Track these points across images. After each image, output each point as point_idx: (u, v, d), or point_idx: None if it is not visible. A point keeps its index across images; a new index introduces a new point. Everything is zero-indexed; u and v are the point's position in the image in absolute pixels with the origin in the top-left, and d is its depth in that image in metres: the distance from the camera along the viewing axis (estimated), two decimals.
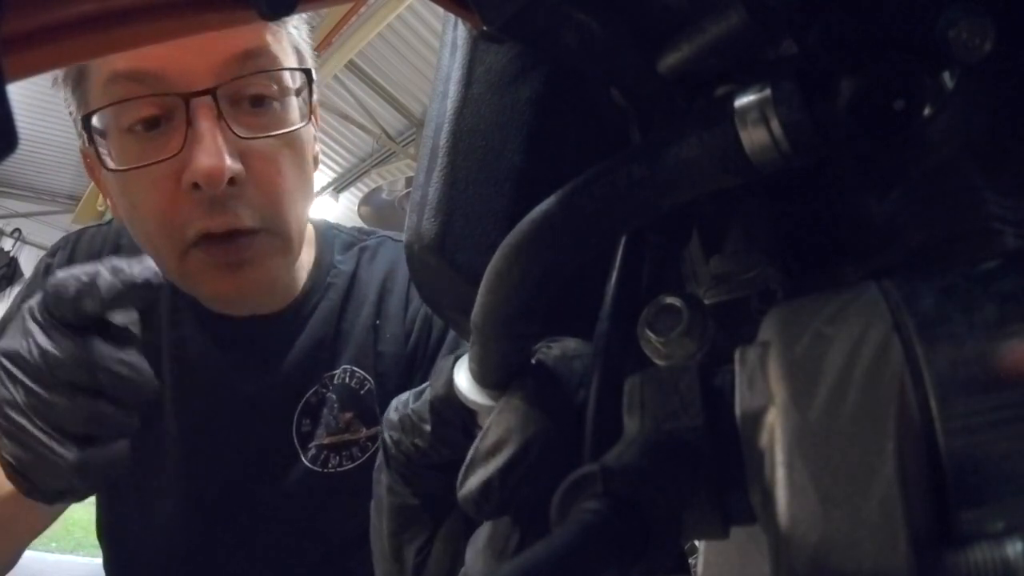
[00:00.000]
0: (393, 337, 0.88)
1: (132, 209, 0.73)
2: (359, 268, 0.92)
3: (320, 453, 0.85)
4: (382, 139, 5.14)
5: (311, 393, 0.86)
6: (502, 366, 0.36)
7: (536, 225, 0.30)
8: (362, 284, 0.91)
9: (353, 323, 0.88)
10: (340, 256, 0.92)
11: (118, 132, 0.70)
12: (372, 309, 0.89)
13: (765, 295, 0.33)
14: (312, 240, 0.92)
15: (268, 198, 0.71)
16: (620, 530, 0.21)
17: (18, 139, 0.20)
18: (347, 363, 0.87)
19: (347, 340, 0.88)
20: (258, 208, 0.71)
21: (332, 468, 0.85)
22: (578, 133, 0.41)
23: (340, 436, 0.85)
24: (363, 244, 0.94)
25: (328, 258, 0.91)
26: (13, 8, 0.22)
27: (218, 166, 0.66)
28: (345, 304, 0.89)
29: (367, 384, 0.87)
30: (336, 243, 0.94)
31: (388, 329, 0.88)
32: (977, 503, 0.19)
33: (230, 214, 0.69)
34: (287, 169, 0.72)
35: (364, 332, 0.88)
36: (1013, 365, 0.20)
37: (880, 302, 0.22)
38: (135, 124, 0.69)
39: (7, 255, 6.33)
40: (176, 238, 0.70)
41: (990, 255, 0.27)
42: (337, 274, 0.91)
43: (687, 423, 0.24)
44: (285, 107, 0.74)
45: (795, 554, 0.20)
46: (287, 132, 0.72)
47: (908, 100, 0.27)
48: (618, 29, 0.31)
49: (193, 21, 0.27)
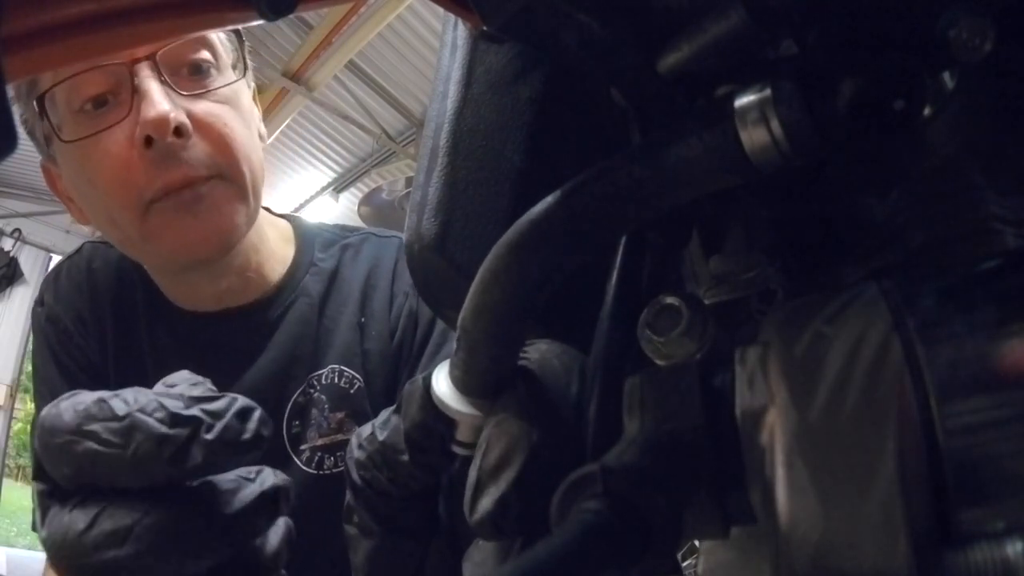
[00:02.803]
0: (379, 335, 0.88)
1: (91, 186, 0.75)
2: (341, 266, 0.91)
3: (314, 455, 0.84)
4: (382, 139, 5.14)
5: (298, 394, 0.85)
6: (491, 371, 0.35)
7: (535, 224, 0.30)
8: (344, 282, 0.90)
9: (336, 321, 0.88)
10: (321, 254, 0.92)
11: (70, 115, 0.74)
12: (356, 307, 0.89)
13: (765, 295, 0.33)
14: (291, 237, 0.93)
15: (217, 147, 0.75)
16: (620, 530, 0.21)
17: (18, 139, 0.20)
18: (334, 362, 0.86)
19: (331, 338, 0.87)
20: (209, 157, 0.74)
21: (327, 470, 0.84)
22: (578, 133, 0.41)
23: (333, 437, 0.84)
24: (345, 241, 0.94)
25: (308, 256, 0.91)
26: (13, 8, 0.22)
27: (164, 113, 0.70)
28: (326, 301, 0.89)
29: (356, 383, 0.86)
30: (317, 241, 0.93)
31: (373, 327, 0.88)
32: (977, 503, 0.19)
33: (184, 166, 0.72)
34: (232, 123, 0.77)
35: (349, 330, 0.88)
36: (1013, 365, 0.20)
37: (880, 302, 0.22)
38: (85, 104, 0.73)
39: (7, 255, 6.32)
40: (135, 201, 0.73)
41: (990, 255, 0.27)
42: (317, 271, 0.90)
43: (687, 423, 0.24)
44: (222, 75, 0.79)
45: (795, 554, 0.20)
46: (224, 85, 0.78)
47: (908, 100, 0.27)
48: (618, 29, 0.31)
49: (193, 21, 0.27)
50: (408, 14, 3.97)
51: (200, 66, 0.76)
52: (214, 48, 0.78)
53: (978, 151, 0.30)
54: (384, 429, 0.43)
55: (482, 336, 0.33)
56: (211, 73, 0.77)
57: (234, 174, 0.76)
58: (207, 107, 0.75)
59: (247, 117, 0.81)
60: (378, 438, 0.43)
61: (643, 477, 0.22)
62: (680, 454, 0.24)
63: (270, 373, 0.84)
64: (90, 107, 0.73)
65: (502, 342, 0.33)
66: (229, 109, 0.78)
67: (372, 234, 0.96)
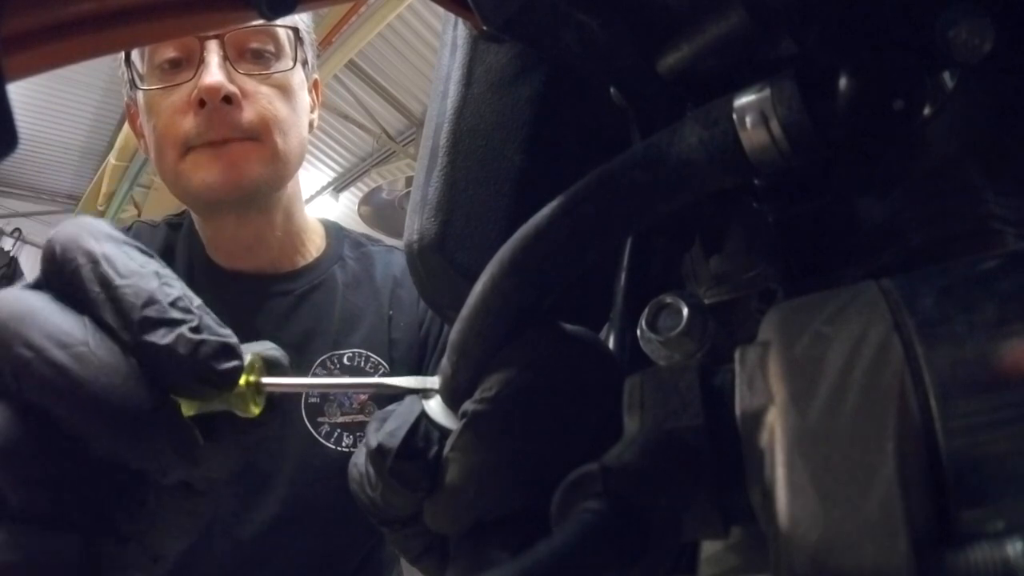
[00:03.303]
0: (407, 325, 0.96)
1: (153, 129, 0.90)
2: (369, 265, 1.01)
3: (333, 431, 0.90)
4: (382, 139, 5.14)
5: (317, 365, 0.92)
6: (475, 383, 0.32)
7: (537, 237, 0.30)
8: (371, 278, 0.99)
9: (363, 309, 0.96)
10: (350, 252, 1.02)
11: (151, 69, 0.90)
12: (385, 301, 0.98)
13: (765, 295, 0.33)
14: (323, 234, 1.03)
15: (258, 117, 0.87)
16: (620, 530, 0.21)
17: (18, 139, 0.20)
18: (359, 347, 0.94)
19: (356, 323, 0.95)
20: (250, 125, 0.87)
21: (346, 447, 0.90)
22: (578, 133, 0.41)
23: (355, 417, 0.91)
24: (374, 247, 1.05)
25: (338, 251, 1.02)
26: (13, 8, 0.22)
27: (217, 82, 0.84)
28: (352, 290, 0.97)
29: (381, 369, 0.93)
30: (346, 241, 1.04)
31: (402, 319, 0.97)
32: (977, 503, 0.19)
33: (226, 125, 0.86)
34: (276, 103, 0.89)
35: (377, 320, 0.96)
36: (1013, 365, 0.20)
37: (880, 302, 0.22)
38: (163, 63, 0.89)
39: (7, 255, 6.32)
40: (180, 144, 0.87)
41: (990, 255, 0.27)
42: (344, 265, 1.00)
43: (687, 423, 0.24)
44: (281, 63, 0.91)
45: (795, 554, 0.20)
46: (276, 72, 0.90)
47: (908, 100, 0.27)
48: (618, 29, 0.31)
49: (193, 21, 0.27)
50: (408, 14, 3.97)
51: (261, 53, 0.90)
52: (278, 40, 0.92)
53: (978, 151, 0.30)
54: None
55: (481, 355, 0.32)
56: (271, 61, 0.91)
57: (269, 141, 0.88)
58: (258, 87, 0.89)
59: (295, 103, 0.92)
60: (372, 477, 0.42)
61: (643, 477, 0.22)
62: (680, 454, 0.24)
63: (294, 338, 0.92)
64: (167, 66, 0.88)
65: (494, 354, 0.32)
66: (278, 92, 0.90)
67: (396, 247, 1.07)
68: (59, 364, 0.31)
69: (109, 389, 0.31)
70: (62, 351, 0.31)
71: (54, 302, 0.33)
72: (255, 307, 0.94)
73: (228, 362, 0.33)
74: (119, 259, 0.33)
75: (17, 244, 6.48)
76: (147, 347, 0.32)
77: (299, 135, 0.93)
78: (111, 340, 0.32)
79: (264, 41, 0.90)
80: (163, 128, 0.88)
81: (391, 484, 0.33)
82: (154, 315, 0.32)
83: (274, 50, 0.91)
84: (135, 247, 0.35)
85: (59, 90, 4.74)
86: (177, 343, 0.32)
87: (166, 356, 0.32)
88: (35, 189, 6.33)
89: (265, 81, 0.89)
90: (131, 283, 0.32)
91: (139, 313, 0.32)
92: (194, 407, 0.35)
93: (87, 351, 0.31)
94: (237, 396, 0.35)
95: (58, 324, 0.32)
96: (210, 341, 0.33)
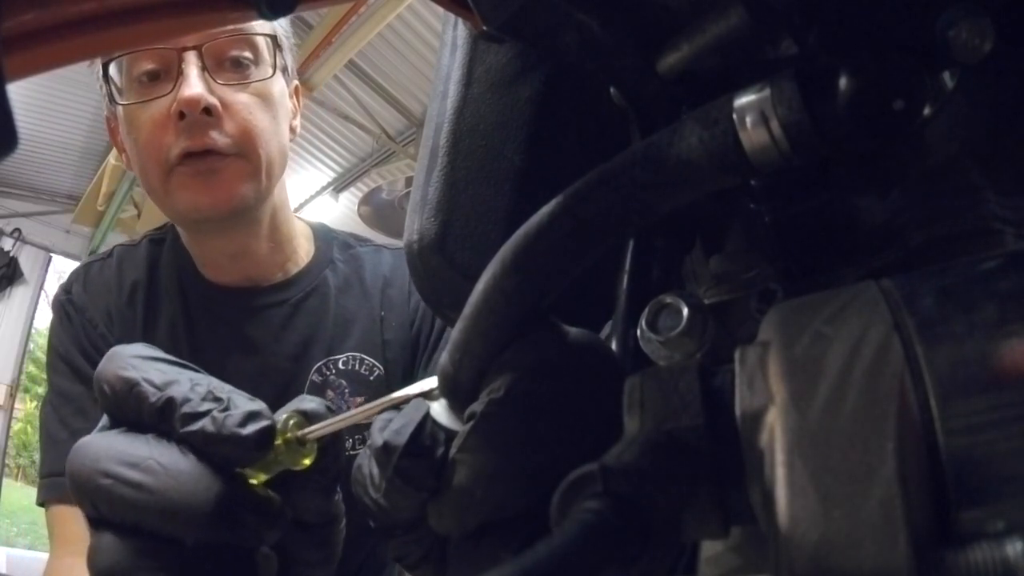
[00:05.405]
0: (399, 325, 0.96)
1: (134, 144, 0.89)
2: (359, 267, 1.00)
3: None
4: (382, 139, 5.13)
5: (314, 372, 0.91)
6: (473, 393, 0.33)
7: (538, 237, 0.30)
8: (362, 281, 0.99)
9: (355, 312, 0.96)
10: (340, 255, 1.01)
11: (129, 82, 0.89)
12: (376, 302, 0.97)
13: (765, 295, 0.33)
14: (311, 237, 1.02)
15: (239, 129, 0.87)
16: (620, 530, 0.21)
17: (18, 139, 0.20)
18: (353, 350, 0.93)
19: (350, 328, 0.95)
20: (231, 136, 0.86)
21: (346, 451, 0.89)
22: (578, 133, 0.41)
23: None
24: (362, 248, 1.03)
25: (327, 255, 1.01)
26: (13, 8, 0.22)
27: (196, 94, 0.83)
28: (343, 293, 0.97)
29: (376, 371, 0.93)
30: (335, 243, 1.03)
31: (393, 319, 0.96)
32: (977, 503, 0.19)
33: (207, 137, 0.85)
34: (257, 112, 0.89)
35: (370, 322, 0.96)
36: (1013, 365, 0.20)
37: (880, 302, 0.22)
38: (141, 76, 0.87)
39: (7, 255, 6.32)
40: (163, 160, 0.86)
41: (990, 255, 0.27)
42: (335, 269, 0.99)
43: (687, 423, 0.24)
44: (260, 71, 0.91)
45: (795, 554, 0.20)
46: (255, 81, 0.90)
47: (908, 100, 0.27)
48: (618, 29, 0.31)
49: (193, 20, 0.27)
50: (408, 14, 3.96)
51: (240, 61, 0.89)
52: (256, 48, 0.90)
53: (978, 151, 0.30)
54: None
55: (484, 353, 0.32)
56: (250, 68, 0.90)
57: (251, 155, 0.87)
58: (238, 96, 0.88)
59: (276, 111, 0.92)
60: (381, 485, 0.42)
61: (643, 477, 0.22)
62: (680, 454, 0.23)
63: (291, 349, 0.93)
64: (145, 79, 0.87)
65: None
66: (259, 101, 0.89)
67: (384, 246, 1.06)
68: (134, 481, 0.37)
69: (181, 485, 0.37)
70: (133, 470, 0.37)
71: (120, 433, 0.39)
72: (250, 320, 0.93)
73: (255, 424, 0.38)
74: (153, 375, 0.39)
75: (17, 244, 6.48)
76: (190, 437, 0.38)
77: (280, 144, 0.92)
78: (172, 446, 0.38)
79: (243, 48, 0.89)
80: (144, 143, 0.87)
81: (396, 483, 0.34)
82: (189, 411, 0.38)
83: (253, 57, 0.90)
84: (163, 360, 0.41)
85: (59, 90, 4.73)
86: (208, 425, 0.37)
87: (203, 439, 0.37)
88: (35, 189, 6.33)
89: (245, 90, 0.89)
90: (166, 393, 0.38)
91: (178, 413, 0.38)
92: (259, 476, 0.40)
93: (154, 463, 0.37)
94: (285, 454, 0.39)
95: (124, 449, 0.38)
96: (234, 414, 0.38)
